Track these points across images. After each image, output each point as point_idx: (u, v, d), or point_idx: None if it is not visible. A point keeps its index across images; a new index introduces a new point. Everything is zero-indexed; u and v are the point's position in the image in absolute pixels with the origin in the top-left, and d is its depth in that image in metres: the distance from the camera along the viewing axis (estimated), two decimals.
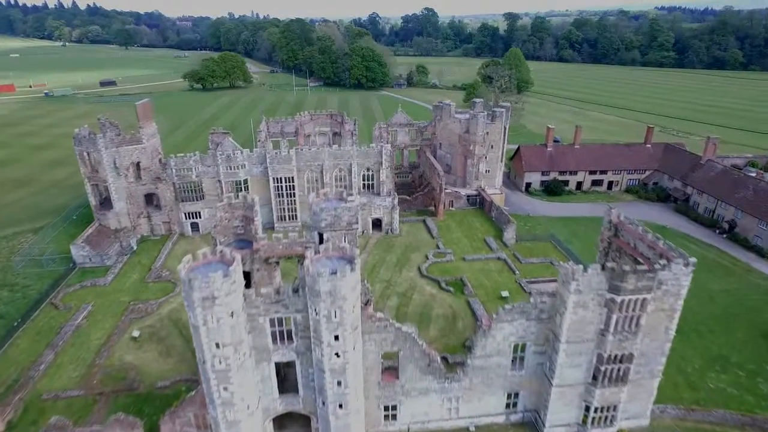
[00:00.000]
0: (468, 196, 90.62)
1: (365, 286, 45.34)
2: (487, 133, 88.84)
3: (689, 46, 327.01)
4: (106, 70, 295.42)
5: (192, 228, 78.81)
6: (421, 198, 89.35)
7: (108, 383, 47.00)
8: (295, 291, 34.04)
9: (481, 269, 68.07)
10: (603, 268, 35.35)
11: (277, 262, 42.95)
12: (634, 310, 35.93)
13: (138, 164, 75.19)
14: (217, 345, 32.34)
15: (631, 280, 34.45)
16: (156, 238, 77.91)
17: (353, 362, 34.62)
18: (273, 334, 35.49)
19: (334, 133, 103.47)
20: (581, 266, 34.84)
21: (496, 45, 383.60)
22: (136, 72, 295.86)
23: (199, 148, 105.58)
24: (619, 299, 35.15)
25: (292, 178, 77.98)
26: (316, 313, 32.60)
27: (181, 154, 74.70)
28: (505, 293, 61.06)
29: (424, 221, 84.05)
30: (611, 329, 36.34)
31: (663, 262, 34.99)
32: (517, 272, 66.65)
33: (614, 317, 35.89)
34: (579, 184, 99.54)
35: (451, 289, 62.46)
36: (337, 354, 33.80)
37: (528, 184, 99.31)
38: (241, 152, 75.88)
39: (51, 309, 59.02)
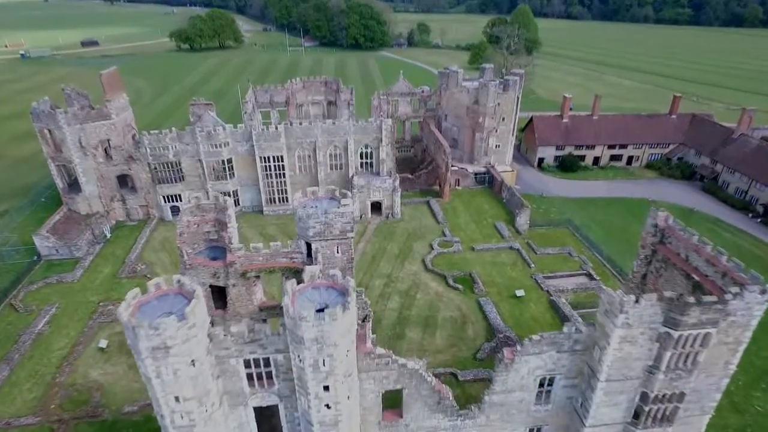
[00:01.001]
0: (476, 173, 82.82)
1: (363, 300, 38.64)
2: (498, 104, 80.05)
3: (706, 2, 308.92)
4: (89, 28, 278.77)
5: (172, 212, 71.33)
6: (425, 176, 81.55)
7: (68, 407, 40.96)
8: (272, 323, 27.16)
9: (491, 262, 61.30)
10: (651, 293, 28.35)
11: (258, 276, 35.98)
12: (692, 345, 29.23)
13: (108, 142, 66.91)
14: (177, 399, 25.78)
15: (694, 313, 27.55)
16: (133, 224, 70.65)
17: (348, 413, 28.22)
18: (249, 376, 28.90)
19: (329, 102, 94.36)
20: (632, 296, 27.77)
21: (501, 0, 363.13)
22: (121, 30, 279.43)
23: (185, 117, 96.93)
24: (676, 334, 28.35)
25: (282, 156, 69.88)
26: (300, 361, 25.84)
27: (155, 131, 66.27)
28: (520, 292, 54.48)
29: (427, 203, 76.64)
30: (663, 367, 29.76)
31: (735, 290, 27.97)
32: (533, 265, 59.90)
33: (668, 354, 29.24)
34: (596, 160, 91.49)
35: (460, 286, 55.83)
36: (327, 405, 27.31)
37: (541, 160, 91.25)
38: (224, 128, 67.41)
39: (10, 311, 52.47)
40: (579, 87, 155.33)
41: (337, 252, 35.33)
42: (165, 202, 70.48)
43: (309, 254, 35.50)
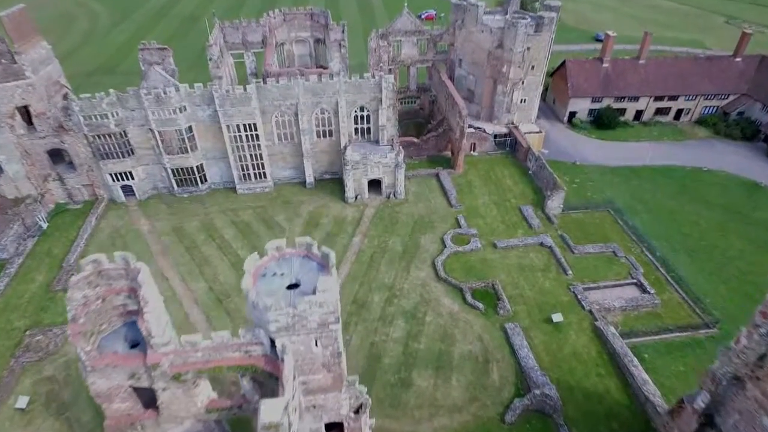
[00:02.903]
0: (495, 135, 68.25)
1: (356, 389, 27.26)
2: (528, 48, 63.52)
3: None
4: None
5: (124, 192, 58.15)
6: (434, 141, 67.05)
7: None
8: None
9: (518, 265, 49.43)
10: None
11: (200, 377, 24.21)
12: None
13: (27, 108, 51.93)
14: None
15: None
16: (77, 207, 57.67)
17: None
18: None
19: (317, 41, 76.87)
20: None
21: None
22: None
23: None
24: None
25: (254, 124, 55.17)
26: None
27: (87, 95, 50.91)
28: (557, 317, 43.14)
29: (437, 176, 63.08)
30: None
31: None
32: (569, 272, 48.08)
33: None
34: (638, 114, 76.22)
35: (480, 305, 44.41)
36: None
37: (572, 114, 75.93)
38: (177, 89, 52.06)
39: None
40: (612, 11, 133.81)
41: (316, 345, 23.20)
42: (114, 180, 56.95)
43: (274, 344, 23.42)
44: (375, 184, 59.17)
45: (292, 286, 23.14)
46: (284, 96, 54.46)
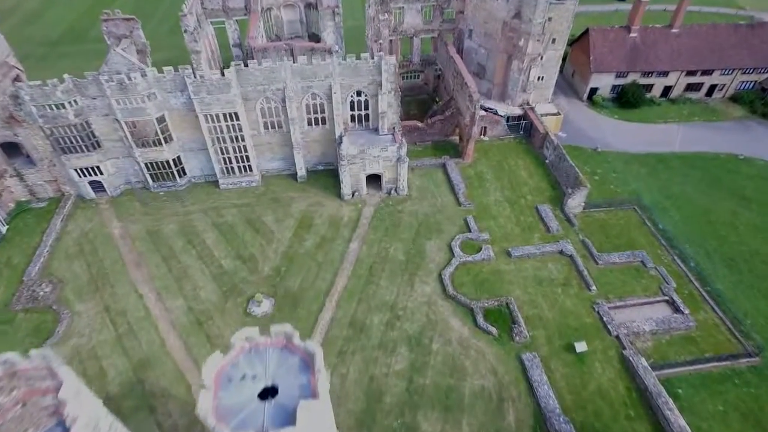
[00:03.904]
0: (509, 118, 61.13)
1: None
2: (549, 19, 55.36)
3: None
4: None
5: (93, 187, 51.89)
6: (440, 125, 59.97)
7: None
8: None
9: (535, 278, 44.04)
10: None
11: None
12: None
13: None
14: None
15: None
16: (41, 206, 51.59)
17: None
18: None
19: (308, 5, 68.05)
20: None
21: None
22: None
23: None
24: None
25: (236, 114, 48.08)
26: None
27: (37, 82, 43.58)
28: (580, 346, 38.19)
29: (443, 166, 56.61)
30: None
31: None
32: (593, 287, 42.78)
33: None
34: (666, 90, 68.53)
35: (493, 329, 39.39)
36: None
37: (593, 90, 68.20)
38: (143, 74, 44.66)
39: None
40: None
41: None
42: (80, 176, 50.52)
43: None
44: (374, 177, 52.84)
45: (267, 392, 17.73)
46: (269, 80, 47.10)
